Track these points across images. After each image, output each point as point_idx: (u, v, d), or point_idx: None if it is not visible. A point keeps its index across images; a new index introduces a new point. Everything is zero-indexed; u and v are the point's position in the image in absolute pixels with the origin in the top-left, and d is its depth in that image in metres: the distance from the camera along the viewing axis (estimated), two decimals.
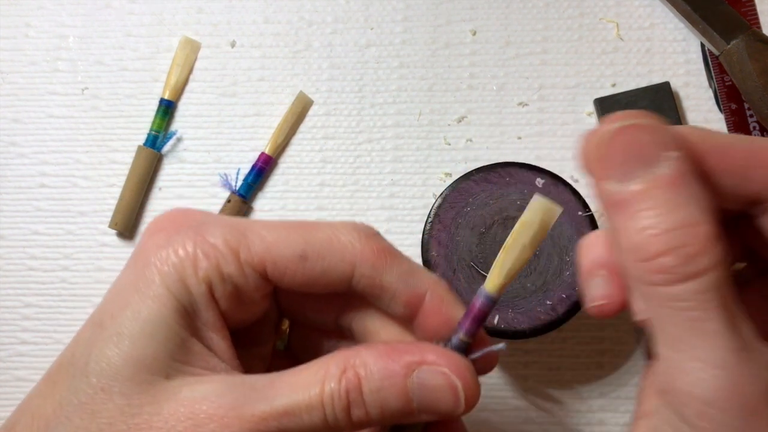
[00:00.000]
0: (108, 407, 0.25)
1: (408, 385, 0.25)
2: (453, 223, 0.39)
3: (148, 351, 0.25)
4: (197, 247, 0.26)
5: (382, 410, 0.25)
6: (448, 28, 0.47)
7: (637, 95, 0.45)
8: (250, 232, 0.27)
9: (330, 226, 0.28)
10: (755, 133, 0.45)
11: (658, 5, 0.47)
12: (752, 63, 0.42)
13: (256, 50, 0.48)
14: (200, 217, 0.28)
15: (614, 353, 0.44)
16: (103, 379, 0.25)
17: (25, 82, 0.48)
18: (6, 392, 0.46)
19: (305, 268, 0.27)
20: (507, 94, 0.47)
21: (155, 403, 0.25)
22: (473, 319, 0.27)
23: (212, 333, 0.27)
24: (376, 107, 0.47)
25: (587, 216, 0.38)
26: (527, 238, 0.26)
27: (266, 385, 0.25)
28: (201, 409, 0.24)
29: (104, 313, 0.26)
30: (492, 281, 0.26)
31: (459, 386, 0.25)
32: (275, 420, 0.24)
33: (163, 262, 0.26)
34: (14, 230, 0.47)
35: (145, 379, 0.25)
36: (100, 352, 0.25)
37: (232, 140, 0.47)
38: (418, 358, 0.25)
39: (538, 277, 0.38)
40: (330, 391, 0.24)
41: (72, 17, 0.48)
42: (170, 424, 0.24)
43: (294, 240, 0.27)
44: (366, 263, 0.27)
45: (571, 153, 0.46)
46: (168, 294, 0.26)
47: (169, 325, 0.26)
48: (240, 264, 0.27)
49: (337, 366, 0.25)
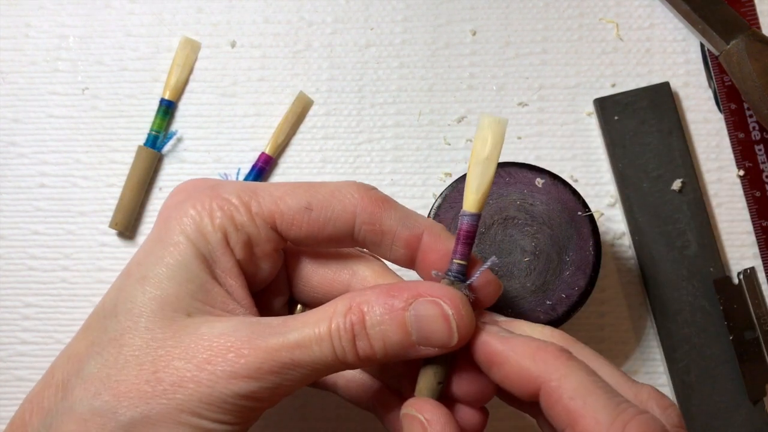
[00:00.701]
0: (134, 341, 0.27)
1: (406, 317, 0.27)
2: (453, 223, 0.39)
3: (170, 290, 0.28)
4: (213, 201, 0.29)
5: (384, 343, 0.27)
6: (448, 28, 0.47)
7: (636, 95, 0.45)
8: (260, 190, 0.30)
9: (332, 183, 0.31)
10: (755, 134, 0.45)
11: (658, 5, 0.47)
12: (752, 63, 0.42)
13: (256, 50, 0.48)
14: (216, 181, 0.32)
15: (614, 353, 0.44)
16: (130, 317, 0.28)
17: (25, 82, 0.48)
18: (6, 392, 0.46)
19: (310, 219, 0.30)
20: (507, 94, 0.47)
21: (177, 336, 0.27)
22: (463, 241, 0.29)
23: (230, 279, 0.29)
24: (376, 107, 0.47)
25: (587, 216, 0.38)
26: (485, 152, 0.29)
27: (280, 323, 0.27)
28: (219, 341, 0.27)
29: (131, 263, 0.29)
30: (468, 200, 0.29)
31: (450, 315, 0.27)
32: (288, 351, 0.26)
33: (182, 214, 0.29)
34: (14, 230, 0.47)
35: (168, 315, 0.27)
36: (128, 295, 0.28)
37: (232, 140, 0.47)
38: (414, 292, 0.27)
39: (538, 277, 0.38)
40: (337, 326, 0.27)
41: (72, 17, 0.48)
42: (191, 354, 0.27)
43: (299, 194, 0.30)
44: (365, 211, 0.30)
45: (571, 153, 0.46)
46: (187, 241, 0.29)
47: (189, 268, 0.28)
48: (251, 215, 0.30)
49: (344, 304, 0.27)
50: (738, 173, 0.45)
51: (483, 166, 0.29)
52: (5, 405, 0.46)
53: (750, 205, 0.45)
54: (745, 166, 0.45)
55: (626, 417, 0.24)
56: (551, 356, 0.26)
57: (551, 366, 0.26)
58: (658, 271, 0.43)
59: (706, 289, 0.43)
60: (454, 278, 0.29)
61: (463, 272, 0.29)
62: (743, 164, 0.45)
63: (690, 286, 0.43)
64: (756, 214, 0.45)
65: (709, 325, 0.43)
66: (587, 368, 0.26)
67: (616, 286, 0.45)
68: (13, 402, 0.45)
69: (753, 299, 0.43)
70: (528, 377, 0.27)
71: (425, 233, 0.30)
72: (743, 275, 0.44)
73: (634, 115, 0.45)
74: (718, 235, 0.45)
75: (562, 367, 0.26)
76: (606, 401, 0.25)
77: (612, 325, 0.45)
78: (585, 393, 0.25)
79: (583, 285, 0.37)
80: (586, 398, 0.25)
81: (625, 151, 0.45)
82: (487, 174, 0.29)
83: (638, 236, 0.44)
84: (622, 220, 0.45)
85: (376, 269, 0.32)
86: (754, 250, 0.45)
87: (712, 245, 0.44)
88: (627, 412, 0.25)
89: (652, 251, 0.44)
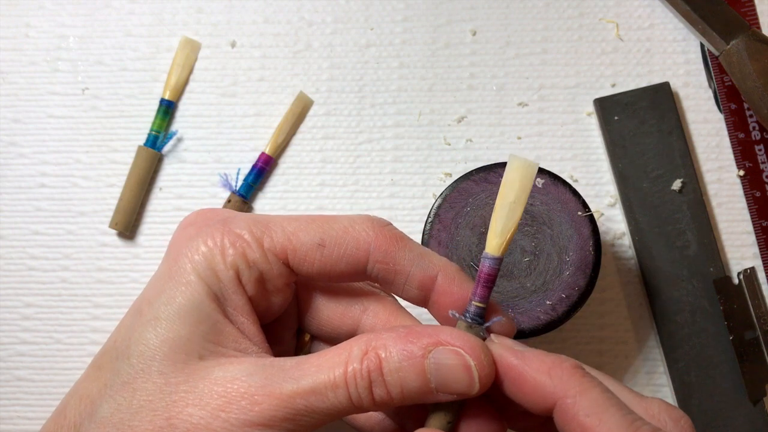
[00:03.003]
0: (147, 386, 0.27)
1: (425, 365, 0.26)
2: (453, 223, 0.39)
3: (182, 332, 0.27)
4: (225, 237, 0.29)
5: (402, 390, 0.27)
6: (448, 28, 0.47)
7: (636, 95, 0.45)
8: (273, 224, 0.30)
9: (346, 218, 0.30)
10: (755, 134, 0.45)
11: (658, 5, 0.47)
12: (752, 63, 0.42)
13: (256, 50, 0.48)
14: (226, 213, 0.31)
15: (614, 353, 0.44)
16: (143, 360, 0.27)
17: (25, 82, 0.48)
18: (6, 392, 0.46)
19: (323, 255, 0.29)
20: (507, 94, 0.47)
21: (190, 381, 0.27)
22: (482, 284, 0.28)
23: (242, 317, 0.29)
24: (376, 107, 0.47)
25: (587, 216, 0.38)
26: (512, 196, 0.28)
27: (294, 366, 0.27)
28: (233, 387, 0.26)
29: (142, 301, 0.29)
30: (491, 243, 0.28)
31: (473, 365, 0.26)
32: (302, 398, 0.26)
33: (193, 251, 0.29)
34: (14, 230, 0.47)
35: (180, 359, 0.27)
36: (140, 336, 0.27)
37: (232, 140, 0.47)
38: (434, 339, 0.27)
39: (538, 277, 0.38)
40: (353, 371, 0.26)
41: (72, 17, 0.48)
42: (204, 401, 0.26)
43: (312, 229, 0.29)
44: (379, 249, 0.29)
45: (571, 153, 0.46)
46: (199, 280, 0.28)
47: (201, 309, 0.28)
48: (264, 252, 0.29)
49: (360, 348, 0.27)
50: (738, 173, 0.45)
51: (509, 210, 0.28)
52: (5, 405, 0.46)
53: (750, 205, 0.45)
54: (745, 166, 0.45)
55: None
56: (566, 372, 0.26)
57: (567, 382, 0.26)
58: (658, 271, 0.43)
59: (706, 289, 0.43)
60: (472, 320, 0.28)
61: (482, 315, 0.28)
62: (743, 164, 0.45)
63: (690, 286, 0.43)
64: (756, 214, 0.45)
65: (709, 325, 0.43)
66: (602, 385, 0.26)
67: (616, 286, 0.45)
68: (13, 402, 0.45)
69: (753, 299, 0.43)
70: (543, 393, 0.26)
71: (440, 275, 0.30)
72: (743, 275, 0.44)
73: (634, 115, 0.45)
74: (718, 235, 0.45)
75: (577, 383, 0.26)
76: (621, 419, 0.25)
77: (612, 325, 0.45)
78: (600, 410, 0.25)
79: (583, 285, 0.37)
80: (601, 416, 0.25)
81: (625, 151, 0.45)
82: (512, 218, 0.28)
83: (638, 236, 0.44)
84: (622, 220, 0.45)
85: (387, 306, 0.32)
86: (754, 250, 0.45)
87: (712, 245, 0.44)
88: (642, 429, 0.25)
89: (652, 251, 0.44)
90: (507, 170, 0.28)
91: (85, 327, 0.46)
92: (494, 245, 0.28)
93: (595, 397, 0.25)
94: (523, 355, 0.27)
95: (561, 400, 0.26)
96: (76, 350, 0.46)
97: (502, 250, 0.28)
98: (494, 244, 0.28)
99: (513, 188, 0.28)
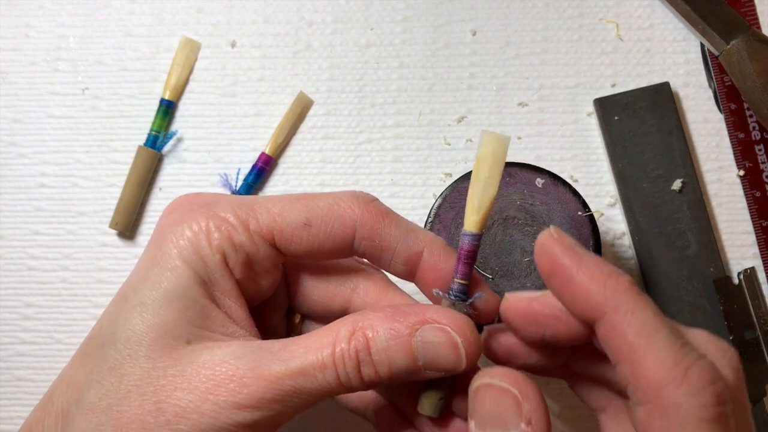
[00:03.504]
0: (135, 370, 0.27)
1: (412, 343, 0.26)
2: (453, 223, 0.39)
3: (169, 317, 0.27)
4: (210, 221, 0.29)
5: (389, 368, 0.27)
6: (448, 28, 0.47)
7: (636, 95, 0.45)
8: (257, 206, 0.29)
9: (330, 195, 0.30)
10: (755, 134, 0.45)
11: (658, 5, 0.47)
12: (752, 63, 0.42)
13: (256, 50, 0.48)
14: (211, 197, 0.30)
15: None
16: (129, 345, 0.27)
17: (25, 82, 0.48)
18: (6, 392, 0.46)
19: (310, 234, 0.29)
20: (507, 94, 0.47)
21: (178, 365, 0.27)
22: (463, 261, 0.29)
23: (229, 301, 0.29)
24: (376, 107, 0.47)
25: (587, 216, 0.38)
26: (486, 171, 0.28)
27: (282, 348, 0.27)
28: (221, 370, 0.26)
29: (127, 287, 0.29)
30: (469, 219, 0.28)
31: (459, 342, 0.26)
32: (291, 379, 0.26)
33: (178, 237, 0.28)
34: (14, 230, 0.47)
35: (168, 343, 0.27)
36: (126, 321, 0.27)
37: (232, 140, 0.47)
38: (420, 318, 0.27)
39: (538, 278, 0.38)
40: (341, 352, 0.26)
41: (72, 17, 0.48)
42: (193, 385, 0.26)
43: (298, 209, 0.29)
44: (365, 226, 0.29)
45: (571, 153, 0.46)
46: (185, 266, 0.28)
47: (188, 294, 0.28)
48: (250, 234, 0.29)
49: (347, 328, 0.27)
50: (738, 173, 0.45)
51: (484, 185, 0.28)
52: (5, 405, 0.46)
53: (750, 205, 0.45)
54: (745, 166, 0.45)
55: (688, 362, 0.24)
56: (622, 286, 0.25)
57: (621, 296, 0.25)
58: (658, 271, 0.43)
59: (706, 289, 0.43)
60: (455, 298, 0.29)
61: (465, 291, 0.29)
62: (743, 164, 0.45)
63: (690, 286, 0.43)
64: (756, 214, 0.45)
65: (709, 325, 0.43)
66: (655, 307, 0.25)
67: None
68: (13, 402, 0.45)
69: (753, 299, 0.43)
70: (593, 302, 0.25)
71: (425, 250, 0.30)
72: (743, 275, 0.44)
73: (634, 115, 0.45)
74: (718, 235, 0.45)
75: (632, 299, 0.25)
76: (671, 342, 0.24)
77: None
78: (651, 331, 0.24)
79: None
80: (651, 336, 0.24)
81: (625, 151, 0.45)
82: (487, 194, 0.28)
83: (638, 236, 0.44)
84: (622, 220, 0.45)
85: (378, 283, 0.32)
86: (754, 250, 0.45)
87: (712, 245, 0.44)
88: (689, 356, 0.24)
89: (652, 251, 0.44)
90: (480, 146, 0.28)
91: (85, 327, 0.46)
92: (472, 221, 0.28)
93: (647, 317, 0.25)
94: (581, 259, 0.26)
95: (611, 314, 0.25)
96: (75, 350, 0.46)
97: (480, 226, 0.28)
98: (472, 220, 0.28)
99: (486, 163, 0.28)
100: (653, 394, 0.23)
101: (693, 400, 0.23)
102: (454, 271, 0.29)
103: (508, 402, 0.26)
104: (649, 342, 0.24)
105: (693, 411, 0.23)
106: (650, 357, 0.24)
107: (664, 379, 0.23)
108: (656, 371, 0.23)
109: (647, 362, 0.24)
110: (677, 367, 0.23)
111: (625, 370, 0.24)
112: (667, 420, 0.23)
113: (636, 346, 0.24)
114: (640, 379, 0.24)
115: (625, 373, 0.24)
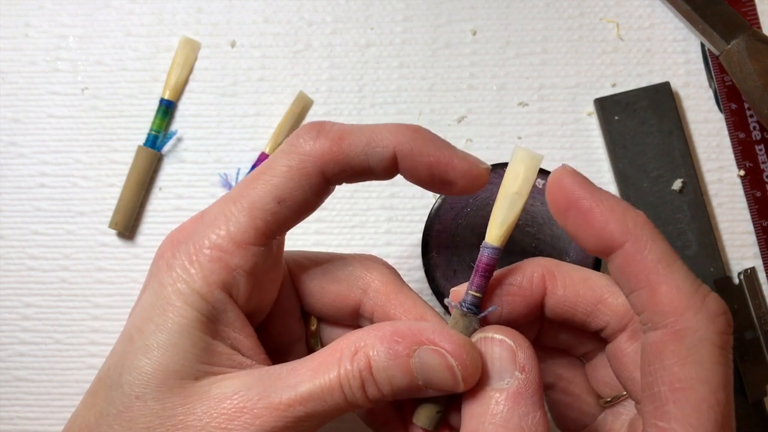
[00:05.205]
0: (144, 413, 0.27)
1: (411, 364, 0.27)
2: (453, 224, 0.39)
3: (175, 358, 0.27)
4: (198, 257, 0.28)
5: (392, 387, 0.27)
6: (448, 28, 0.47)
7: (637, 95, 0.45)
8: (222, 218, 0.29)
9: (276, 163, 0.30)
10: (756, 133, 0.45)
11: (658, 5, 0.47)
12: (752, 63, 0.42)
13: (256, 50, 0.48)
14: (191, 226, 0.30)
15: None
16: (135, 388, 0.27)
17: (25, 82, 0.48)
18: (6, 392, 0.46)
19: (283, 208, 0.29)
20: (507, 94, 0.47)
21: (188, 403, 0.27)
22: (480, 273, 0.28)
23: (234, 333, 0.29)
24: (376, 107, 0.47)
25: None
26: (515, 187, 0.28)
27: (289, 372, 0.27)
28: (232, 404, 0.26)
29: (132, 327, 0.29)
30: (491, 233, 0.28)
31: (455, 365, 0.26)
32: (302, 405, 0.26)
33: (175, 281, 0.28)
34: (14, 230, 0.47)
35: (176, 383, 0.27)
36: (131, 364, 0.27)
37: (232, 140, 0.47)
38: (418, 339, 0.27)
39: None
40: (346, 373, 0.26)
41: (72, 17, 0.48)
42: (204, 421, 0.26)
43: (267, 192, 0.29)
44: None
45: (571, 153, 0.46)
46: (186, 306, 0.28)
47: (192, 334, 0.28)
48: (237, 244, 0.29)
49: (349, 349, 0.27)
50: (738, 173, 0.45)
51: (511, 201, 0.28)
52: (5, 405, 0.46)
53: (750, 205, 0.45)
54: (746, 166, 0.45)
55: (704, 291, 0.25)
56: (641, 219, 0.26)
57: (641, 228, 0.26)
58: None
59: None
60: (467, 310, 0.28)
61: (477, 304, 0.28)
62: (744, 164, 0.45)
63: None
64: (756, 214, 0.45)
65: None
66: (669, 244, 0.27)
67: None
68: (13, 402, 0.45)
69: (753, 299, 0.43)
70: (612, 232, 0.26)
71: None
72: (743, 275, 0.44)
73: (635, 115, 0.45)
74: (718, 235, 0.45)
75: (650, 232, 0.26)
76: (687, 273, 0.25)
77: None
78: (670, 261, 0.25)
79: None
80: (671, 265, 0.25)
81: (626, 151, 0.45)
82: (514, 209, 0.28)
83: None
84: None
85: (388, 285, 0.32)
86: (755, 250, 0.45)
87: (712, 245, 0.44)
88: (703, 287, 0.25)
89: None
90: (511, 161, 0.28)
91: (84, 327, 0.46)
92: (494, 235, 0.28)
93: (665, 248, 0.26)
94: (598, 192, 0.27)
95: (631, 243, 0.26)
96: (75, 350, 0.46)
97: (502, 241, 0.28)
98: (494, 234, 0.28)
99: (516, 179, 0.28)
100: (672, 318, 0.25)
101: (710, 326, 0.24)
102: (470, 283, 0.28)
103: (505, 352, 0.27)
104: (670, 270, 0.25)
105: (708, 336, 0.24)
106: (671, 284, 0.25)
107: (685, 304, 0.25)
108: (677, 297, 0.25)
109: (667, 288, 0.25)
110: (696, 295, 0.25)
111: (643, 296, 0.25)
112: (682, 343, 0.24)
113: (657, 272, 0.25)
114: (659, 303, 0.25)
115: (642, 299, 0.25)
